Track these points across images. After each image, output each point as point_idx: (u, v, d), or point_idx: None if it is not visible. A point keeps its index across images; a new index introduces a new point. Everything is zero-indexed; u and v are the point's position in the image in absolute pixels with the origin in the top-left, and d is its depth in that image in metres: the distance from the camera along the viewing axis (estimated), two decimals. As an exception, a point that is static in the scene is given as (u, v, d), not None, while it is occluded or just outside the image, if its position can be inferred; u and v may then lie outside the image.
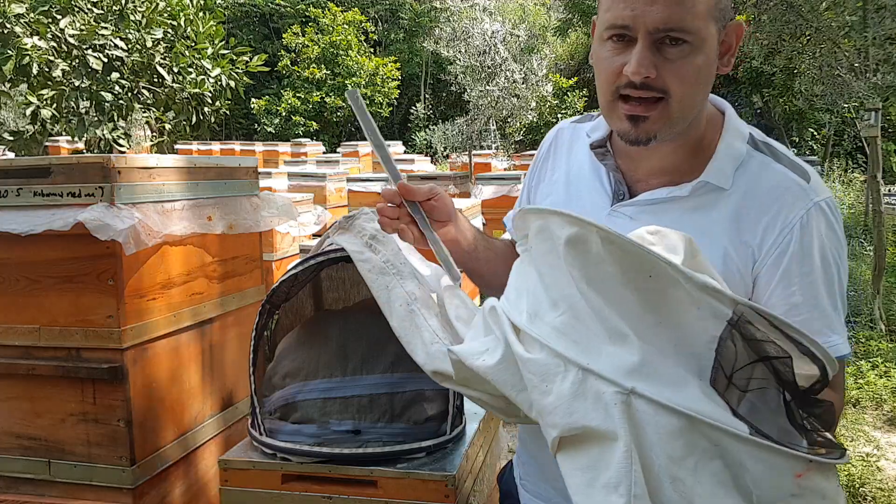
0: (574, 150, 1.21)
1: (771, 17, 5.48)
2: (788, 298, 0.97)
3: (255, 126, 21.06)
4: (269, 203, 1.90)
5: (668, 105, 0.97)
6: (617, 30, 0.97)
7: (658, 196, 1.06)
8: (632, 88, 0.97)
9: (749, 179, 1.02)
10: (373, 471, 1.25)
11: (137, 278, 1.47)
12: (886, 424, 3.93)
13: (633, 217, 1.06)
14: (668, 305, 0.72)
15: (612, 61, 0.99)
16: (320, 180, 7.84)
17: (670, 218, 1.02)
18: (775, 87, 12.98)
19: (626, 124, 1.00)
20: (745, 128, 1.07)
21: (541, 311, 0.78)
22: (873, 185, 5.54)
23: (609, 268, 0.74)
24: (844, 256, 1.01)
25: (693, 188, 1.03)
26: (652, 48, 0.95)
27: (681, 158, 1.06)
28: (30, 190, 1.45)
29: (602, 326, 0.74)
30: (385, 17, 24.05)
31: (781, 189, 1.00)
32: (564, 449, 0.72)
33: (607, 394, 0.69)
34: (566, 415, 0.71)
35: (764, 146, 1.06)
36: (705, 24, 0.95)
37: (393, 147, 13.79)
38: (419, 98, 22.34)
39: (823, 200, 0.99)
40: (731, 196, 1.02)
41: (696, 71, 0.96)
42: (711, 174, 1.02)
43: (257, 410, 1.35)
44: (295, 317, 1.60)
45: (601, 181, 1.13)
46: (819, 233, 0.98)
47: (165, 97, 5.69)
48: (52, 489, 1.51)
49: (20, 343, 1.50)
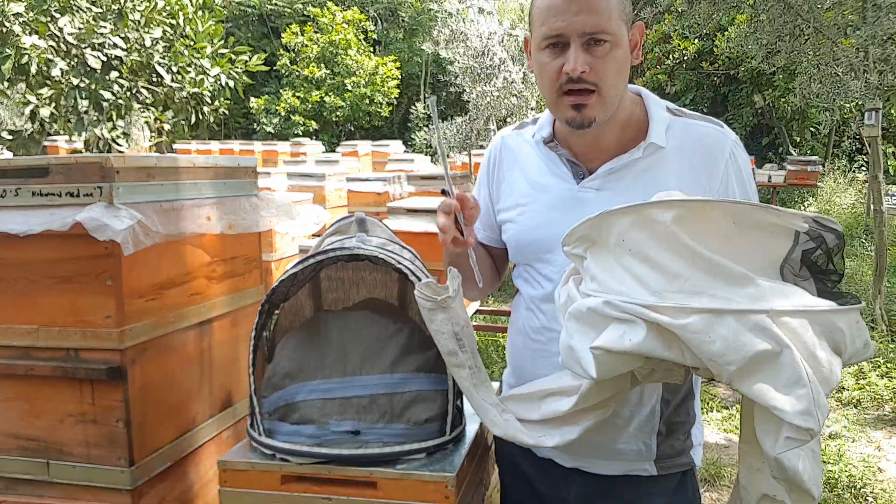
0: (522, 152, 1.44)
1: (770, 17, 5.48)
2: None
3: (254, 125, 21.04)
4: (269, 203, 1.89)
5: (601, 93, 1.22)
6: (553, 38, 1.21)
7: (616, 164, 1.30)
8: (571, 83, 1.22)
9: (678, 136, 1.30)
10: (372, 472, 1.24)
11: (136, 278, 1.47)
12: (888, 425, 3.93)
13: (598, 189, 1.31)
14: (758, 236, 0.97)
15: (552, 65, 1.23)
16: (320, 180, 7.83)
17: (629, 180, 1.29)
18: (776, 86, 12.97)
19: (571, 112, 1.25)
20: (660, 101, 1.36)
21: (665, 286, 0.95)
22: (874, 186, 5.53)
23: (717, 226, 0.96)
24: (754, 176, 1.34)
25: (644, 149, 1.29)
26: (582, 49, 1.20)
27: (617, 135, 1.32)
28: (28, 190, 1.44)
29: (725, 276, 0.93)
30: (385, 16, 24.05)
31: (707, 136, 1.30)
32: (742, 378, 0.91)
33: (761, 320, 0.89)
34: (737, 350, 0.89)
35: (678, 111, 1.34)
36: (618, 25, 1.21)
37: (392, 146, 13.79)
38: (419, 97, 22.33)
39: (735, 139, 1.31)
40: (669, 153, 1.29)
41: (617, 63, 1.22)
42: (653, 136, 1.29)
43: (256, 411, 1.34)
44: (294, 317, 1.60)
45: (559, 168, 1.36)
46: (743, 159, 1.30)
47: (164, 97, 5.68)
48: (50, 490, 1.50)
49: (18, 343, 1.49)
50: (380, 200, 7.09)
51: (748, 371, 0.89)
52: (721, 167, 1.27)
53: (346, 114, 20.42)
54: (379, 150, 13.29)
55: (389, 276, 1.66)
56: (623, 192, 1.28)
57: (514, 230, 1.41)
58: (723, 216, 0.96)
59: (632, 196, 1.21)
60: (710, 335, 0.90)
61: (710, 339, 0.90)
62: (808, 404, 0.87)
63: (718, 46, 12.25)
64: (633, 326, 0.95)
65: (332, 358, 1.38)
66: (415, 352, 1.39)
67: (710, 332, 0.90)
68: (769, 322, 0.88)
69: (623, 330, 0.96)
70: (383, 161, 11.82)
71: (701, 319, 0.90)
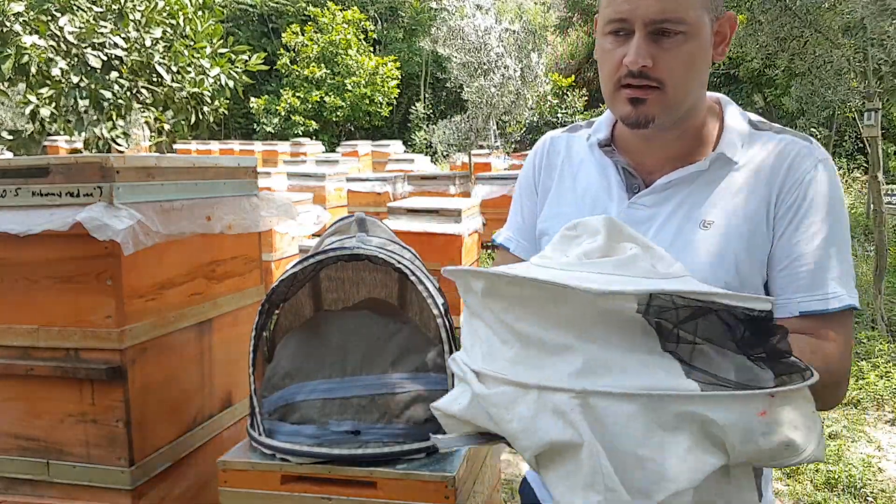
0: (573, 156, 1.24)
1: (769, 19, 5.48)
2: (794, 247, 1.04)
3: (254, 125, 21.04)
4: (269, 203, 1.90)
5: (665, 93, 1.03)
6: (616, 24, 1.03)
7: (676, 177, 1.10)
8: (631, 78, 1.03)
9: (756, 153, 1.09)
10: (372, 471, 1.24)
11: (136, 278, 1.47)
12: (888, 425, 3.93)
13: (651, 206, 1.11)
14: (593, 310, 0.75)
15: (612, 54, 1.05)
16: (320, 180, 7.84)
17: (685, 195, 1.09)
18: (777, 86, 12.98)
19: (627, 107, 1.05)
20: (744, 113, 1.15)
21: (493, 351, 0.82)
22: (874, 186, 5.53)
23: (529, 303, 0.79)
24: (846, 211, 1.07)
25: (711, 161, 1.08)
26: (648, 39, 1.01)
27: (685, 146, 1.12)
28: (28, 190, 1.44)
29: (544, 347, 0.77)
30: (385, 16, 24.05)
31: (788, 150, 1.07)
32: (543, 465, 0.75)
33: (562, 402, 0.72)
34: (531, 434, 0.74)
35: (762, 124, 1.14)
36: (698, 14, 1.01)
37: (392, 146, 13.79)
38: (419, 97, 22.34)
39: (826, 159, 1.07)
40: (741, 169, 1.08)
41: (689, 59, 1.02)
42: (725, 146, 1.09)
43: (256, 411, 1.34)
44: (294, 317, 1.60)
45: (612, 177, 1.17)
46: (828, 186, 1.05)
47: (164, 97, 5.68)
48: (50, 490, 1.50)
49: (19, 343, 1.49)
50: (380, 200, 7.10)
51: (546, 460, 0.74)
52: (796, 182, 1.05)
53: (346, 114, 20.42)
54: (379, 150, 13.30)
55: (389, 276, 1.66)
56: (676, 209, 1.10)
57: None
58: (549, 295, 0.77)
59: (690, 213, 1.09)
60: (509, 412, 0.76)
61: (509, 417, 0.76)
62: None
63: (718, 47, 12.24)
64: (465, 391, 0.83)
65: (332, 358, 1.38)
66: (415, 352, 1.39)
67: (510, 408, 0.76)
68: (572, 403, 0.72)
69: (458, 394, 0.84)
70: (383, 161, 11.84)
71: (506, 392, 0.77)
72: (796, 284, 1.03)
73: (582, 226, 0.89)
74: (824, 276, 1.02)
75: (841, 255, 1.04)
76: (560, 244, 0.90)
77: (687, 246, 1.07)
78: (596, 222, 0.88)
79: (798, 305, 1.03)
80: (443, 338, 1.32)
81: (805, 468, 3.36)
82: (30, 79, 5.11)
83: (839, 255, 1.04)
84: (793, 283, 1.04)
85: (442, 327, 1.32)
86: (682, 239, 1.07)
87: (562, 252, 0.88)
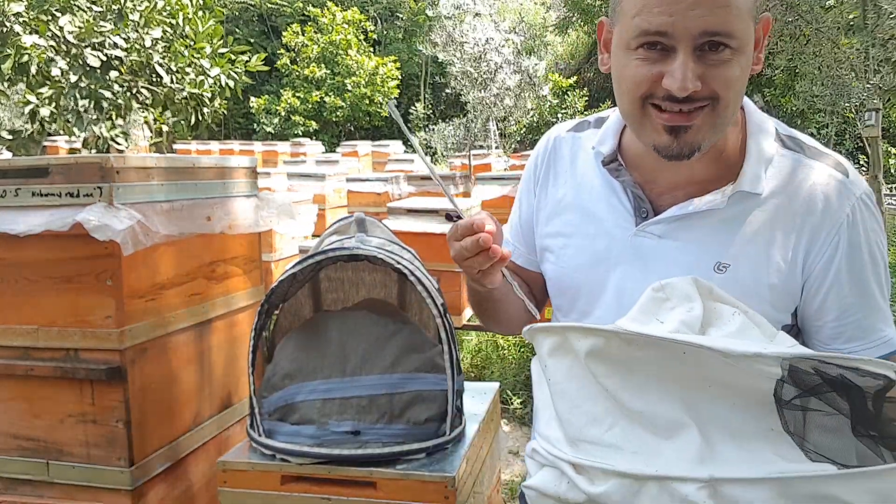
0: (577, 164, 1.11)
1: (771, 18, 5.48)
2: (842, 300, 0.95)
3: (254, 126, 21.03)
4: (269, 203, 1.89)
5: (716, 111, 0.88)
6: (651, 37, 0.86)
7: (689, 210, 0.97)
8: (671, 102, 0.88)
9: (784, 181, 0.96)
10: (372, 472, 1.24)
11: (136, 279, 1.47)
12: (886, 425, 3.93)
13: (661, 236, 0.99)
14: (713, 380, 0.69)
15: (644, 71, 0.88)
16: (319, 180, 7.84)
17: (703, 231, 0.97)
18: (776, 86, 12.97)
19: (664, 137, 0.90)
20: (768, 123, 1.01)
21: (583, 433, 0.74)
22: (874, 186, 5.53)
23: (642, 367, 0.71)
24: (886, 247, 0.99)
25: (730, 197, 0.95)
26: (694, 56, 0.85)
27: (706, 166, 0.97)
28: (28, 190, 1.44)
29: (654, 427, 0.70)
30: (384, 17, 24.05)
31: (822, 187, 0.95)
32: None
33: (690, 493, 0.67)
34: None
35: (791, 141, 1.00)
36: (746, 24, 0.87)
37: (392, 147, 13.78)
38: (419, 98, 22.33)
39: (864, 193, 0.96)
40: (766, 201, 0.96)
41: (740, 75, 0.88)
42: (746, 182, 0.95)
43: (256, 411, 1.34)
44: (294, 318, 1.60)
45: (618, 198, 1.04)
46: (865, 228, 0.95)
47: (164, 97, 5.68)
48: (50, 490, 1.50)
49: (18, 344, 1.49)
50: (379, 201, 7.09)
51: None
52: (831, 233, 0.94)
53: (346, 114, 20.41)
54: (379, 150, 13.29)
55: (389, 277, 1.66)
56: (693, 245, 0.98)
57: (553, 269, 1.12)
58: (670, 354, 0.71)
59: (705, 253, 0.96)
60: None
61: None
62: None
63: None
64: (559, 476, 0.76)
65: (331, 358, 1.38)
66: (415, 352, 1.39)
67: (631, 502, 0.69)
68: (702, 494, 0.66)
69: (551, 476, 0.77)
70: (383, 161, 11.83)
71: (618, 487, 0.70)
72: (846, 335, 0.96)
73: (670, 288, 0.82)
74: (872, 320, 0.96)
75: (884, 294, 0.97)
76: (649, 307, 0.82)
77: None
78: (686, 286, 0.81)
79: None
80: (442, 338, 1.32)
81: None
82: (29, 79, 5.11)
83: (884, 295, 0.97)
84: (841, 335, 0.96)
85: (441, 327, 1.32)
86: None
87: (653, 316, 0.80)
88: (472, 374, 4.54)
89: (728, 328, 0.77)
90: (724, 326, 0.77)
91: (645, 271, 0.99)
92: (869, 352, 0.95)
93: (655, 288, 0.84)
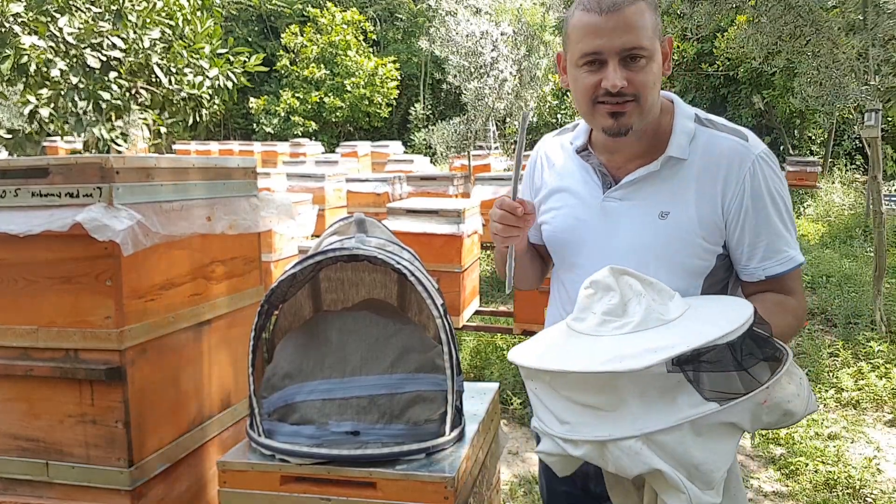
0: (559, 159, 1.52)
1: (771, 18, 5.48)
2: (752, 230, 1.31)
3: (254, 126, 21.04)
4: (268, 203, 1.89)
5: (640, 104, 1.28)
6: (591, 56, 1.27)
7: (636, 176, 1.36)
8: (608, 97, 1.27)
9: (701, 149, 1.33)
10: (372, 472, 1.24)
11: (136, 279, 1.47)
12: (887, 426, 3.93)
13: (621, 199, 1.37)
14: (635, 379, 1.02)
15: (588, 80, 1.29)
16: (319, 180, 7.84)
17: (648, 192, 1.35)
18: (776, 87, 12.98)
19: (608, 121, 1.30)
20: (690, 109, 1.39)
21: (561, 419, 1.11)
22: (874, 186, 5.54)
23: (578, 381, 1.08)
24: (786, 188, 1.34)
25: (662, 162, 1.33)
26: (620, 65, 1.25)
27: (647, 142, 1.36)
28: (28, 190, 1.44)
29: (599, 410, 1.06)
30: (383, 17, 24.05)
31: (728, 151, 1.31)
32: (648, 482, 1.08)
33: (633, 446, 1.02)
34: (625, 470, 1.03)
35: (707, 122, 1.37)
36: (652, 41, 1.26)
37: (392, 147, 13.78)
38: (418, 98, 22.33)
39: (761, 152, 1.32)
40: (690, 165, 1.33)
41: (653, 76, 1.28)
42: (673, 149, 1.33)
43: (256, 412, 1.34)
44: (294, 318, 1.60)
45: (590, 175, 1.43)
46: (764, 176, 1.31)
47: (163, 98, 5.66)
48: (50, 490, 1.50)
49: (18, 344, 1.49)
50: (379, 201, 7.09)
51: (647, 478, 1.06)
52: (738, 182, 1.30)
53: (346, 114, 20.42)
54: (378, 150, 13.30)
55: (389, 277, 1.66)
56: (643, 202, 1.35)
57: (548, 231, 1.50)
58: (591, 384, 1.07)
59: (651, 206, 1.33)
60: (603, 461, 1.05)
61: (603, 464, 1.06)
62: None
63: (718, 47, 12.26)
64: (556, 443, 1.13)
65: (331, 358, 1.38)
66: (414, 352, 1.39)
67: (600, 459, 1.05)
68: (640, 446, 1.01)
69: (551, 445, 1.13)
70: (383, 162, 11.84)
71: (591, 449, 1.06)
72: (759, 255, 1.32)
73: (595, 284, 1.16)
74: (779, 244, 1.31)
75: (787, 226, 1.32)
76: (584, 303, 1.17)
77: (649, 232, 1.33)
78: (606, 279, 1.15)
79: (763, 271, 1.32)
80: (442, 338, 1.32)
81: (804, 469, 3.36)
82: (29, 79, 5.10)
83: (786, 226, 1.32)
84: (756, 256, 1.32)
85: (441, 328, 1.32)
86: (646, 227, 1.33)
87: (588, 310, 1.16)
88: (471, 375, 4.54)
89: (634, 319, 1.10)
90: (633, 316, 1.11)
91: (613, 226, 1.37)
92: (778, 266, 1.32)
93: (585, 286, 1.18)
